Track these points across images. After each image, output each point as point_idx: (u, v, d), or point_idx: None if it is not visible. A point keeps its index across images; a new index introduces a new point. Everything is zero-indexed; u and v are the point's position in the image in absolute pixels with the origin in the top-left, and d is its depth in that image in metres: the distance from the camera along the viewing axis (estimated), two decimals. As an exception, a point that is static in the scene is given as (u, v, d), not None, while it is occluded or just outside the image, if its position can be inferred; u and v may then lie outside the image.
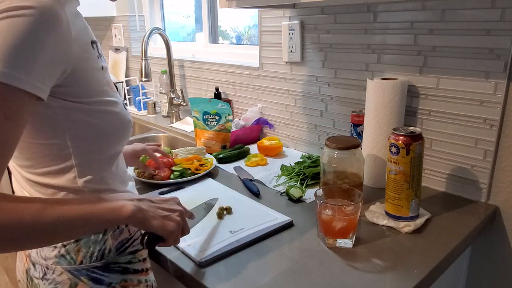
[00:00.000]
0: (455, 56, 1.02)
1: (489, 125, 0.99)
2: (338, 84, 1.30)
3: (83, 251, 0.71)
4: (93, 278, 0.72)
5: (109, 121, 0.70)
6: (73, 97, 0.64)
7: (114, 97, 0.72)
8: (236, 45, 1.96)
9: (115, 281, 0.74)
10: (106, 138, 0.71)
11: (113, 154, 0.75)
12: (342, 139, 1.03)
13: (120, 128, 0.73)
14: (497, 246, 1.04)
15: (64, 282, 0.71)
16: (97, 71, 0.69)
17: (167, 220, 0.68)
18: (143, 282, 0.79)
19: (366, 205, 1.01)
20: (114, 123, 0.71)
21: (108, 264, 0.73)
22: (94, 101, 0.68)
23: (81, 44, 0.65)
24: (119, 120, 0.72)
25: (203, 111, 1.48)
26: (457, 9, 0.99)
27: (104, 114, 0.69)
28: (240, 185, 1.18)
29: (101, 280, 0.72)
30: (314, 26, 1.32)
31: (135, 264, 0.78)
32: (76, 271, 0.71)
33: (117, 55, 2.45)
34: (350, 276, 0.75)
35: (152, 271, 0.84)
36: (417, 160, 0.89)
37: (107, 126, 0.70)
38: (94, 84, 0.68)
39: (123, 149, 0.93)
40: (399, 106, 1.07)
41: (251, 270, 0.78)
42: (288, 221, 0.94)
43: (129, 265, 0.76)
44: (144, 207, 0.65)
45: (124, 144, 0.78)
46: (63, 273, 0.71)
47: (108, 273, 0.73)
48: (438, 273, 0.81)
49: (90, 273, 0.72)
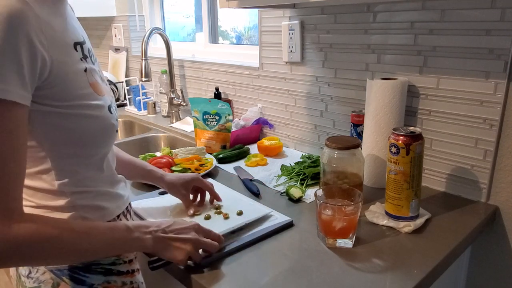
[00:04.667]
0: (455, 56, 1.02)
1: (489, 125, 0.99)
2: (338, 84, 1.30)
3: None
4: (75, 278, 0.72)
5: (87, 125, 0.68)
6: (51, 100, 0.63)
7: (98, 100, 0.70)
8: (236, 45, 1.96)
9: (97, 282, 0.73)
10: (84, 143, 0.69)
11: (95, 158, 0.73)
12: (342, 139, 1.03)
13: (100, 133, 0.71)
14: (497, 246, 1.04)
15: (47, 281, 0.72)
16: (78, 74, 0.67)
17: (178, 250, 0.75)
18: (127, 284, 0.77)
19: (366, 205, 1.01)
20: (92, 128, 0.69)
21: (89, 265, 0.73)
22: (72, 105, 0.65)
23: (58, 45, 0.63)
24: (99, 125, 0.70)
25: (203, 111, 1.48)
26: (457, 9, 0.99)
27: (82, 118, 0.67)
28: (240, 185, 1.18)
29: (83, 280, 0.72)
30: (314, 26, 1.32)
31: (119, 266, 0.77)
32: (58, 271, 0.71)
33: (117, 55, 2.45)
34: (350, 276, 0.75)
35: (140, 273, 0.83)
36: (417, 160, 0.89)
37: (84, 131, 0.68)
38: (73, 88, 0.65)
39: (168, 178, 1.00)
40: (399, 106, 1.07)
41: (251, 270, 0.78)
42: (288, 221, 0.94)
43: (112, 267, 0.75)
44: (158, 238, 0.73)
45: (108, 148, 0.75)
46: (46, 272, 0.72)
47: (89, 274, 0.73)
48: (438, 273, 0.81)
49: (72, 273, 0.71)
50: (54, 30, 0.63)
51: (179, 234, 0.76)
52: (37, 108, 0.62)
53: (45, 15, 0.61)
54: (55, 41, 0.62)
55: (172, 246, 0.74)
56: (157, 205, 1.05)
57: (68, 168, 0.69)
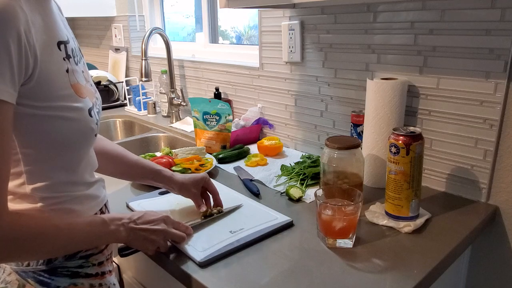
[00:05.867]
0: (455, 56, 1.02)
1: (489, 125, 0.99)
2: (338, 84, 1.30)
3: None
4: (40, 280, 0.71)
5: (65, 128, 0.66)
6: (30, 100, 0.61)
7: (78, 102, 0.68)
8: (236, 45, 1.96)
9: (62, 285, 0.72)
10: (59, 146, 0.67)
11: (70, 162, 0.71)
12: (342, 139, 1.03)
13: (77, 136, 0.69)
14: (497, 246, 1.04)
15: (13, 282, 0.71)
16: (59, 74, 0.65)
17: (147, 241, 0.78)
18: (96, 286, 0.77)
19: (366, 205, 1.01)
20: (70, 131, 0.67)
21: (55, 268, 0.72)
22: (51, 106, 0.63)
23: (42, 43, 0.61)
24: (77, 128, 0.68)
25: (203, 111, 1.48)
26: (457, 9, 0.99)
27: (59, 120, 0.65)
28: (240, 185, 1.18)
29: (48, 283, 0.71)
30: (314, 26, 1.32)
31: (88, 268, 0.75)
32: (24, 273, 0.71)
33: (117, 55, 2.45)
34: (350, 276, 0.75)
35: (112, 274, 0.82)
36: (417, 160, 0.89)
37: (61, 134, 0.66)
38: (53, 88, 0.63)
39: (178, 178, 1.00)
40: (399, 106, 1.07)
41: (251, 270, 0.78)
42: (288, 221, 0.94)
43: (80, 269, 0.74)
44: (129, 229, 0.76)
45: (84, 152, 0.73)
46: (12, 273, 0.71)
47: (55, 277, 0.72)
48: (438, 273, 0.81)
49: (37, 275, 0.71)
50: (38, 27, 0.62)
51: (149, 225, 0.78)
52: (15, 110, 0.60)
53: (30, 11, 0.60)
54: (40, 38, 0.61)
55: (142, 237, 0.77)
56: (157, 205, 1.05)
57: (42, 173, 0.67)
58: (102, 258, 0.79)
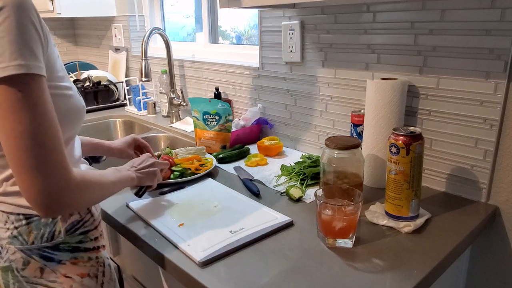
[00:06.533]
0: (455, 56, 1.02)
1: (489, 125, 0.99)
2: (338, 84, 1.30)
3: (34, 233, 0.76)
4: (44, 256, 0.78)
5: (66, 104, 0.74)
6: None
7: (70, 83, 0.77)
8: (236, 45, 1.96)
9: (65, 259, 0.79)
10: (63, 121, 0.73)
11: (67, 138, 0.78)
12: (342, 139, 1.03)
13: (74, 111, 0.77)
14: (497, 246, 1.04)
15: (18, 260, 0.77)
16: (56, 58, 0.73)
17: (151, 175, 0.99)
18: (93, 259, 0.83)
19: (366, 205, 1.01)
20: (67, 106, 0.75)
21: (58, 244, 0.78)
22: (55, 86, 0.71)
23: (45, 29, 0.69)
24: (73, 103, 0.76)
25: (203, 111, 1.47)
26: (457, 9, 0.99)
27: (59, 97, 0.72)
28: (240, 185, 1.18)
29: (52, 258, 0.78)
30: (314, 26, 1.32)
31: (86, 243, 0.82)
32: (28, 251, 0.77)
33: (117, 55, 2.45)
34: (350, 276, 0.75)
35: (105, 249, 0.88)
36: (417, 160, 0.89)
37: (63, 109, 0.73)
38: (55, 69, 0.71)
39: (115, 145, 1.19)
40: (399, 106, 1.07)
41: (251, 270, 0.78)
42: (288, 221, 0.94)
43: (80, 244, 0.81)
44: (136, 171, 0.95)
45: (76, 130, 0.81)
46: (16, 252, 0.76)
47: (58, 252, 0.78)
48: (438, 273, 0.81)
49: (41, 252, 0.77)
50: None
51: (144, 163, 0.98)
52: None
53: None
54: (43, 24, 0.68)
55: (146, 174, 0.97)
56: (157, 205, 1.05)
57: None
58: (97, 233, 0.85)
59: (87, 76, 2.24)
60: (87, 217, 0.83)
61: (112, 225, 1.03)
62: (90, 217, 0.83)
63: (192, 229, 0.91)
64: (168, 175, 1.20)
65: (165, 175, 1.20)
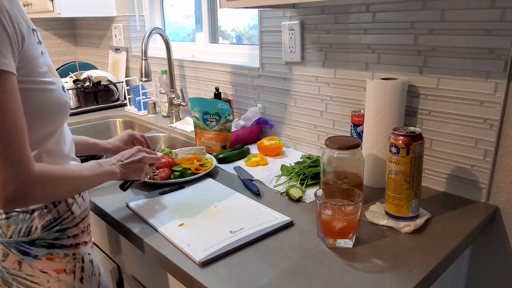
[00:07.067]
0: (455, 56, 1.02)
1: (489, 125, 0.99)
2: (338, 84, 1.30)
3: (12, 227, 0.79)
4: (21, 250, 0.80)
5: (44, 98, 0.76)
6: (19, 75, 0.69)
7: (52, 78, 0.78)
8: (236, 45, 1.96)
9: (40, 254, 0.82)
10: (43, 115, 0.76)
11: (49, 132, 0.80)
12: (342, 139, 1.03)
13: (56, 106, 0.78)
14: (497, 246, 1.04)
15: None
16: (38, 55, 0.75)
17: (137, 170, 0.98)
18: (70, 255, 0.85)
19: (366, 205, 1.01)
20: (49, 100, 0.76)
21: (34, 240, 0.81)
22: (34, 81, 0.73)
23: (23, 27, 0.70)
24: (56, 98, 0.78)
25: (203, 111, 1.47)
26: (457, 9, 0.99)
27: (42, 92, 0.75)
28: (240, 185, 1.18)
29: (28, 252, 0.81)
30: (314, 26, 1.32)
31: (63, 240, 0.84)
32: (7, 244, 0.80)
33: (117, 55, 2.45)
34: (350, 276, 0.75)
35: (86, 245, 0.89)
36: (417, 160, 0.89)
37: (41, 102, 0.75)
38: (35, 65, 0.73)
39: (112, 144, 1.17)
40: (399, 106, 1.07)
41: (251, 270, 0.78)
42: (288, 221, 0.94)
43: (56, 241, 0.83)
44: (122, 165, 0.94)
45: (59, 124, 0.82)
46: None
47: (34, 247, 0.81)
48: (438, 273, 0.81)
49: (19, 246, 0.80)
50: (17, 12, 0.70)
51: (133, 158, 0.97)
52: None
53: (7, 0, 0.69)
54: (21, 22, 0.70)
55: (133, 168, 0.97)
56: (157, 205, 1.05)
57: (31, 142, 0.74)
58: (77, 231, 0.87)
59: (87, 76, 2.24)
60: (66, 215, 0.84)
61: (112, 225, 1.03)
62: (70, 214, 0.85)
63: (192, 229, 0.91)
64: (168, 175, 1.20)
65: (165, 175, 1.20)
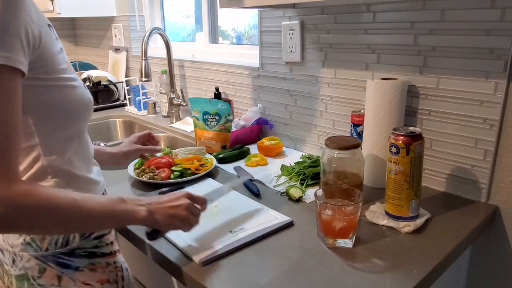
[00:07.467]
0: (455, 56, 1.02)
1: (489, 125, 0.99)
2: (338, 84, 1.30)
3: (47, 239, 0.73)
4: (60, 263, 0.74)
5: (70, 96, 0.71)
6: (39, 73, 0.66)
7: (74, 74, 0.74)
8: (236, 45, 1.96)
9: (82, 265, 0.76)
10: (68, 114, 0.72)
11: (76, 132, 0.75)
12: (342, 139, 1.03)
13: (81, 104, 0.74)
14: (497, 246, 1.04)
15: (33, 268, 0.74)
16: (57, 51, 0.71)
17: (174, 219, 0.75)
18: (111, 264, 0.81)
19: (366, 205, 1.01)
20: (74, 99, 0.72)
21: (73, 250, 0.76)
22: (56, 78, 0.69)
23: (42, 23, 0.67)
24: (80, 96, 0.73)
25: (203, 111, 1.48)
26: (457, 9, 0.99)
27: (64, 88, 0.70)
28: (240, 185, 1.18)
29: (68, 264, 0.75)
30: (314, 26, 1.32)
31: (102, 248, 0.80)
32: (43, 257, 0.74)
33: (117, 55, 2.45)
34: (350, 276, 0.75)
35: (120, 253, 0.86)
36: (417, 160, 0.89)
37: (66, 100, 0.71)
38: (55, 62, 0.69)
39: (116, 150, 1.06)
40: (399, 106, 1.07)
41: (251, 270, 0.78)
42: (288, 221, 0.94)
43: (95, 249, 0.79)
44: (153, 210, 0.73)
45: (85, 122, 0.78)
46: (30, 259, 0.73)
47: (74, 258, 0.76)
48: (438, 273, 0.81)
49: (57, 258, 0.74)
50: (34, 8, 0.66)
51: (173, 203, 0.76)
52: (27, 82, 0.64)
53: None
54: (40, 18, 0.66)
55: (168, 215, 0.74)
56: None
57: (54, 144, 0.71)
58: (111, 238, 0.84)
59: (87, 76, 2.25)
60: None
61: (112, 225, 1.03)
62: None
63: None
64: (168, 175, 1.20)
65: (165, 175, 1.20)
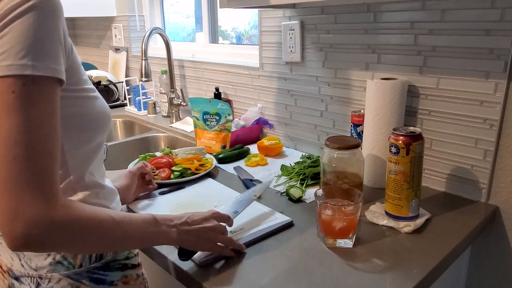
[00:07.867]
0: (455, 56, 1.02)
1: (489, 125, 0.99)
2: (338, 84, 1.30)
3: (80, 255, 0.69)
4: (94, 279, 0.71)
5: (93, 108, 0.69)
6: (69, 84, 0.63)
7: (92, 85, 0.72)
8: (236, 45, 1.96)
9: (116, 279, 0.74)
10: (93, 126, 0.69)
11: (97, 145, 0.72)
12: (342, 139, 1.03)
13: (103, 115, 0.72)
14: (497, 246, 1.04)
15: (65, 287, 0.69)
16: (79, 61, 0.69)
17: (202, 240, 0.77)
18: (140, 276, 0.79)
19: (366, 205, 1.01)
20: (98, 111, 0.70)
21: (108, 263, 0.73)
22: (83, 89, 0.67)
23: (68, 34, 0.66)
24: (101, 107, 0.71)
25: (203, 111, 1.48)
26: (457, 9, 0.99)
27: (89, 100, 0.68)
28: (240, 185, 1.18)
29: (103, 280, 0.72)
30: (314, 26, 1.32)
31: (132, 259, 0.78)
32: (76, 275, 0.69)
33: (117, 55, 2.45)
34: (350, 276, 0.75)
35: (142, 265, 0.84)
36: (417, 160, 0.89)
37: (93, 114, 0.69)
38: (80, 73, 0.67)
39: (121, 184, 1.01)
40: (399, 106, 1.07)
41: (251, 270, 0.78)
42: (288, 221, 0.94)
43: (127, 261, 0.76)
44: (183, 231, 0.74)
45: (105, 134, 0.75)
46: (61, 279, 0.68)
47: (109, 272, 0.73)
48: (438, 273, 0.81)
49: (91, 274, 0.70)
50: None
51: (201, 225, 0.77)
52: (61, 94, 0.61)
53: None
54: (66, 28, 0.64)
55: (196, 237, 0.76)
56: (157, 205, 1.05)
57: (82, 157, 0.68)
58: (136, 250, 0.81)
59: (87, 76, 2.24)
60: None
61: (112, 225, 1.02)
62: None
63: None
64: (168, 175, 1.20)
65: (165, 175, 1.20)
